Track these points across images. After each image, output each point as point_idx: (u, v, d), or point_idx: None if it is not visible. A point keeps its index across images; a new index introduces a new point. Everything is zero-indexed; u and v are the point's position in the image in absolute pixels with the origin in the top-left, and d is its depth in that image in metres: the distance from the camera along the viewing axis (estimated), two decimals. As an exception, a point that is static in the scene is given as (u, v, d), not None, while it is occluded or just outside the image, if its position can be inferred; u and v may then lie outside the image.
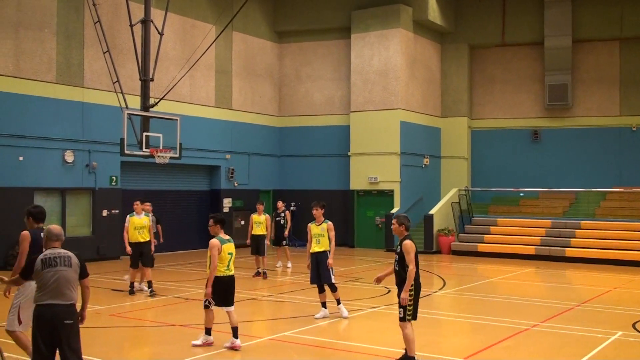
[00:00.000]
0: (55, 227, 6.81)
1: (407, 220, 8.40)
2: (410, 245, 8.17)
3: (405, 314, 8.16)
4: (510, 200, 26.61)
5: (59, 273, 6.46)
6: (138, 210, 14.43)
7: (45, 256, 6.51)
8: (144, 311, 12.53)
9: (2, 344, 8.23)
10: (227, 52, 25.22)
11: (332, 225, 11.77)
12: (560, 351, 9.58)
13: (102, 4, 20.08)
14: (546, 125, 26.74)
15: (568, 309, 12.87)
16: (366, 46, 25.49)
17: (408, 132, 25.33)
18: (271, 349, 9.69)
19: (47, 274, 6.43)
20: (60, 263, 6.50)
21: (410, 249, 8.14)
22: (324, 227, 11.70)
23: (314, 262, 11.66)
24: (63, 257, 6.55)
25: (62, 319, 6.37)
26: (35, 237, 7.96)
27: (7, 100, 18.35)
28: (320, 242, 11.65)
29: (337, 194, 25.77)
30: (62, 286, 6.44)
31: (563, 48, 25.66)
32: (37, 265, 6.48)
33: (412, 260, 8.07)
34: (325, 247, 11.63)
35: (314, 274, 11.68)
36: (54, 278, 6.43)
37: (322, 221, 11.77)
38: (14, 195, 18.31)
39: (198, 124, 23.54)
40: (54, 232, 6.70)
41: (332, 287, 11.66)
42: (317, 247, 11.66)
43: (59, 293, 6.42)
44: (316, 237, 11.68)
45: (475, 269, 20.16)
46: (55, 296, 6.40)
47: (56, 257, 6.52)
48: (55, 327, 6.34)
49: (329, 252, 11.62)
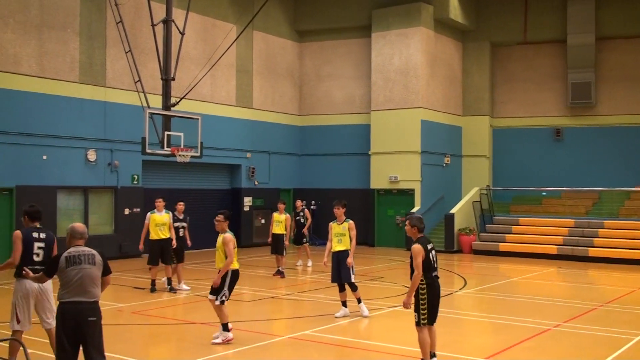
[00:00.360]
0: (79, 225, 6.86)
1: (419, 222, 8.19)
2: (417, 249, 7.93)
3: (419, 318, 8.03)
4: (532, 199, 26.38)
5: (83, 271, 6.51)
6: (159, 207, 14.51)
7: (69, 254, 6.55)
8: (165, 309, 12.61)
9: (29, 342, 8.32)
10: (248, 52, 25.30)
11: (354, 224, 11.75)
12: (583, 352, 9.48)
13: (124, 4, 20.24)
14: (569, 123, 26.47)
15: (591, 309, 12.73)
16: (387, 45, 25.42)
17: (429, 131, 25.22)
18: (291, 347, 9.70)
19: (71, 272, 6.47)
20: (85, 261, 6.55)
21: (416, 253, 7.91)
22: (345, 226, 11.68)
23: (334, 260, 11.65)
24: (87, 255, 6.60)
25: (86, 316, 6.42)
26: (26, 235, 8.04)
27: (31, 100, 18.57)
28: (342, 241, 11.64)
29: (357, 193, 25.73)
30: (86, 284, 6.50)
31: (586, 45, 25.37)
32: (61, 263, 6.52)
33: (418, 266, 7.85)
34: (346, 246, 11.62)
35: (334, 272, 11.67)
36: (78, 276, 6.47)
37: (344, 220, 11.74)
38: (38, 194, 18.50)
39: (219, 123, 23.65)
40: (78, 230, 6.75)
41: (353, 286, 11.65)
42: (338, 246, 11.64)
43: (82, 290, 6.47)
44: (337, 236, 11.67)
45: (496, 269, 20.02)
46: (79, 294, 6.45)
47: (80, 255, 6.57)
48: (79, 324, 6.39)
49: (349, 251, 11.61)
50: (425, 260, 7.91)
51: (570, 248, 21.74)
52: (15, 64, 18.23)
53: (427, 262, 7.93)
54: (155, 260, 14.37)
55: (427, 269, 7.93)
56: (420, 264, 7.86)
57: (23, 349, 7.04)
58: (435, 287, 8.06)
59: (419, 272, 7.87)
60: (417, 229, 8.12)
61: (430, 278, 7.98)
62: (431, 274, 7.98)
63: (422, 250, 7.92)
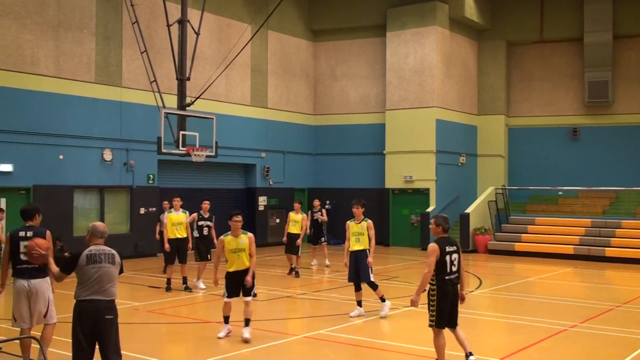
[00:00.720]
0: (101, 224, 6.94)
1: (445, 222, 8.05)
2: (431, 248, 7.81)
3: (429, 319, 7.96)
4: (548, 199, 26.21)
5: (103, 269, 6.58)
6: (176, 206, 14.55)
7: (90, 252, 6.63)
8: (181, 308, 12.67)
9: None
10: (263, 51, 25.34)
11: (372, 224, 11.71)
12: (599, 353, 9.41)
13: (139, 4, 20.35)
14: (586, 122, 26.26)
15: (608, 310, 12.63)
16: (402, 44, 25.37)
17: (444, 130, 25.14)
18: (306, 346, 9.71)
19: (91, 270, 6.54)
20: (105, 260, 6.63)
21: (430, 251, 7.79)
22: (363, 225, 11.63)
23: (352, 260, 11.62)
24: (107, 254, 6.68)
25: (104, 314, 6.49)
26: (13, 235, 8.12)
27: (48, 100, 18.73)
28: (360, 240, 11.59)
29: (372, 192, 25.69)
30: (105, 282, 6.56)
31: (603, 44, 25.15)
32: (82, 260, 6.57)
33: (430, 264, 7.71)
34: (364, 245, 11.58)
35: (352, 272, 11.64)
36: (97, 274, 6.54)
37: (362, 219, 11.69)
38: (55, 193, 18.70)
39: (234, 122, 23.72)
40: (99, 229, 6.83)
41: (373, 286, 11.59)
42: (356, 245, 11.60)
43: (101, 289, 6.53)
44: (355, 236, 11.63)
45: (512, 269, 19.92)
46: (96, 292, 6.51)
47: (101, 253, 6.64)
48: (97, 322, 6.45)
49: (368, 251, 11.56)
50: (439, 261, 7.76)
51: (587, 248, 21.58)
52: (32, 65, 18.39)
53: (441, 263, 7.77)
54: (172, 259, 14.42)
55: (440, 270, 7.78)
56: (432, 263, 7.72)
57: (40, 347, 7.10)
58: (446, 290, 7.84)
59: (429, 270, 7.73)
60: (441, 228, 7.99)
61: (442, 280, 7.81)
62: (443, 277, 7.80)
63: (437, 250, 7.78)
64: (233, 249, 9.75)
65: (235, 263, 9.80)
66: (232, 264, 9.83)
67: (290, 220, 17.40)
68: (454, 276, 7.90)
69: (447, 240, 7.96)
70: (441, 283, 7.81)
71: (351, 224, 11.74)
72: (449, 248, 7.89)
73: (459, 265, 7.94)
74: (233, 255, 9.76)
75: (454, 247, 7.96)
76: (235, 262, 9.80)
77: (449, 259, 7.84)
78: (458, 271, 7.94)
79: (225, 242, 9.85)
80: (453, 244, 8.00)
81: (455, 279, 7.92)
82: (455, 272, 7.91)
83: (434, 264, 7.74)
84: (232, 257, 9.79)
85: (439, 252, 7.77)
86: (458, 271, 7.94)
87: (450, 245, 7.93)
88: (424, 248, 24.32)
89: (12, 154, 17.95)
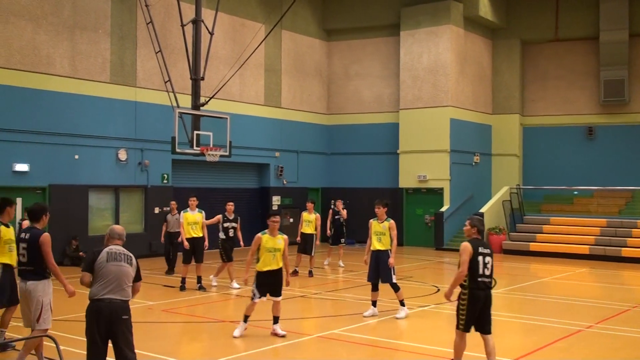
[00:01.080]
0: (118, 227, 7.04)
1: (480, 224, 7.92)
2: (464, 246, 7.66)
3: (457, 321, 7.79)
4: (563, 198, 26.04)
5: (122, 268, 6.65)
6: (192, 206, 14.61)
7: (110, 250, 6.71)
8: (195, 307, 12.71)
9: (61, 339, 8.44)
10: (276, 51, 25.37)
11: (394, 225, 11.66)
12: (615, 354, 9.33)
13: (154, 5, 20.45)
14: (601, 121, 26.06)
15: (624, 311, 12.53)
16: (415, 43, 25.30)
17: (458, 130, 25.05)
18: (319, 346, 9.71)
19: (112, 267, 6.60)
20: (124, 260, 6.71)
21: (462, 250, 7.63)
22: (386, 225, 11.57)
23: (373, 259, 11.56)
24: (125, 254, 6.77)
25: (120, 315, 6.54)
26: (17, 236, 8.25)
27: (63, 100, 18.86)
28: (382, 240, 11.54)
29: (385, 192, 25.62)
30: (123, 282, 6.62)
31: (619, 42, 24.95)
32: (102, 257, 6.63)
33: (463, 263, 7.55)
34: (386, 245, 11.53)
35: (372, 271, 11.59)
36: (116, 272, 6.59)
37: (385, 219, 11.64)
38: (70, 193, 18.83)
39: (247, 122, 23.76)
40: (116, 231, 6.93)
41: (395, 287, 11.54)
42: (378, 245, 11.55)
43: (118, 288, 6.58)
44: (377, 235, 11.56)
45: (527, 269, 19.81)
46: (113, 291, 6.55)
47: (120, 253, 6.73)
48: (113, 322, 6.49)
49: (390, 251, 11.52)
50: (472, 261, 7.60)
51: (602, 248, 21.42)
52: (48, 65, 18.53)
53: (474, 263, 7.60)
54: (188, 259, 14.47)
55: (473, 272, 7.61)
56: (465, 261, 7.58)
57: (56, 346, 7.14)
58: (477, 294, 7.64)
59: (463, 269, 7.57)
60: (476, 230, 7.87)
61: (474, 283, 7.62)
62: (475, 280, 7.62)
63: (469, 249, 7.63)
64: (270, 248, 9.76)
65: (270, 263, 9.78)
66: (266, 264, 9.79)
67: (304, 220, 17.38)
68: (488, 280, 7.72)
69: (480, 242, 7.82)
70: (473, 285, 7.63)
71: (373, 223, 11.69)
72: (482, 250, 7.72)
73: (492, 270, 7.74)
74: (269, 254, 9.75)
75: (488, 250, 7.79)
76: (270, 262, 9.78)
77: (482, 260, 7.67)
78: (491, 275, 7.75)
79: (263, 240, 9.80)
80: (487, 246, 7.83)
81: (488, 282, 7.74)
82: (489, 276, 7.72)
83: (467, 262, 7.59)
84: (268, 257, 9.76)
85: (472, 251, 7.62)
86: (491, 275, 7.75)
87: (484, 247, 7.77)
88: (438, 248, 24.28)
89: (28, 153, 18.10)
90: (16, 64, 17.88)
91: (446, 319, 12.12)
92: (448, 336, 10.47)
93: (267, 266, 9.79)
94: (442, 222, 24.47)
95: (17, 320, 10.54)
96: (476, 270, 7.61)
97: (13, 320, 8.83)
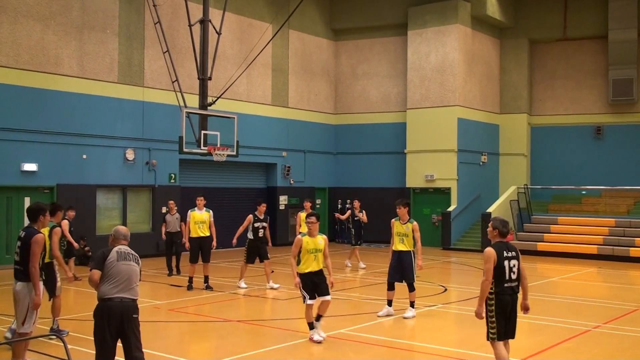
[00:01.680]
0: (122, 227, 7.10)
1: (501, 225, 7.43)
2: (487, 253, 7.18)
3: (487, 331, 7.32)
4: (571, 198, 25.94)
5: (131, 267, 6.71)
6: (199, 205, 14.60)
7: (119, 249, 6.77)
8: (201, 307, 12.73)
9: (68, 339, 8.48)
10: (284, 51, 25.38)
11: (418, 226, 11.66)
12: (623, 354, 9.29)
13: (162, 5, 20.49)
14: (610, 121, 25.95)
15: (632, 310, 12.47)
16: (423, 42, 25.26)
17: (465, 129, 24.99)
18: (327, 345, 9.70)
19: (122, 266, 6.65)
20: (132, 259, 6.77)
21: (486, 257, 7.16)
22: (409, 227, 11.56)
23: (395, 259, 11.55)
24: (133, 254, 6.83)
25: (131, 314, 6.60)
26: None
27: (71, 100, 18.93)
28: (404, 241, 11.52)
29: (393, 191, 25.61)
30: (133, 281, 6.69)
31: (628, 41, 24.84)
32: (113, 256, 6.67)
33: (488, 271, 7.11)
34: (409, 247, 11.53)
35: (393, 271, 11.56)
36: (127, 271, 6.65)
37: (407, 220, 11.62)
38: (78, 192, 18.90)
39: (255, 122, 23.79)
40: (121, 232, 6.98)
41: (411, 287, 11.57)
42: (400, 245, 11.52)
43: (129, 287, 6.64)
44: (400, 236, 11.54)
45: (534, 269, 19.74)
46: (124, 290, 6.59)
47: (128, 253, 6.79)
48: (124, 321, 6.53)
49: (413, 252, 11.54)
50: (497, 267, 7.16)
51: (610, 248, 21.33)
52: (56, 65, 18.60)
53: (499, 269, 7.17)
54: (195, 258, 14.47)
55: (499, 277, 7.18)
56: (490, 269, 7.13)
57: (64, 345, 7.17)
58: (504, 300, 7.21)
59: (487, 278, 7.14)
60: (497, 232, 7.42)
61: (501, 288, 7.19)
62: (502, 284, 7.19)
63: (493, 255, 7.18)
64: (311, 250, 9.62)
65: (312, 264, 9.66)
66: (308, 265, 9.65)
67: (302, 220, 17.12)
68: (514, 284, 7.31)
69: (504, 244, 7.37)
70: (500, 291, 7.20)
71: (396, 223, 11.67)
72: (507, 253, 7.29)
73: (519, 272, 7.34)
74: (310, 255, 9.62)
75: (513, 253, 7.35)
76: (312, 263, 9.65)
77: (508, 264, 7.24)
78: (518, 279, 7.34)
79: (304, 242, 9.66)
80: (512, 249, 7.38)
81: (515, 287, 7.32)
82: (515, 280, 7.31)
83: (492, 270, 7.15)
84: (309, 258, 9.62)
85: (496, 258, 7.18)
86: (518, 279, 7.34)
87: (509, 250, 7.33)
88: (445, 247, 24.24)
89: (36, 153, 18.18)
90: (24, 64, 17.96)
91: (453, 319, 12.11)
92: (455, 336, 10.47)
93: (309, 267, 9.65)
94: (449, 222, 24.42)
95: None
96: (502, 276, 7.21)
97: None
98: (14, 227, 17.93)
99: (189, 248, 14.66)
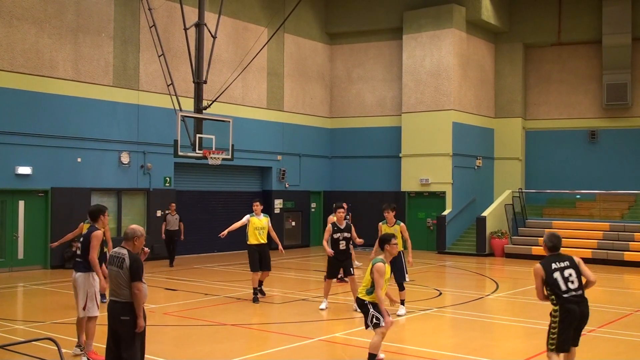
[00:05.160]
0: (129, 227, 7.17)
1: (549, 240, 7.37)
2: (535, 271, 7.22)
3: (547, 342, 7.30)
4: (566, 202, 26.01)
5: (112, 272, 6.93)
6: (257, 210, 13.59)
7: (113, 253, 7.06)
8: (196, 310, 12.70)
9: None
10: (279, 54, 25.40)
11: (405, 227, 12.28)
12: (618, 358, 9.32)
13: (157, 8, 20.48)
14: (604, 125, 26.03)
15: (626, 315, 12.51)
16: (418, 47, 25.31)
17: (460, 133, 25.04)
18: (320, 349, 9.70)
19: (110, 270, 6.96)
20: (114, 263, 6.94)
21: (534, 275, 7.22)
22: (397, 229, 12.04)
23: None
24: (118, 257, 6.93)
25: (119, 315, 6.82)
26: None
27: (66, 103, 18.90)
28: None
29: (388, 195, 25.60)
30: (114, 285, 6.91)
31: (622, 46, 24.93)
32: (109, 260, 7.07)
33: (537, 289, 7.27)
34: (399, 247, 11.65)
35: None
36: (114, 275, 6.90)
37: (394, 223, 12.08)
38: (73, 196, 18.86)
39: (250, 125, 23.78)
40: (126, 232, 7.13)
41: (401, 287, 11.91)
42: None
43: (117, 290, 6.88)
44: None
45: (529, 272, 19.66)
46: (114, 293, 6.92)
47: (114, 256, 6.99)
48: (115, 322, 6.87)
49: (402, 253, 11.88)
50: (549, 280, 7.14)
51: (605, 252, 21.37)
52: (51, 68, 18.58)
53: (552, 282, 7.13)
54: (256, 266, 13.37)
55: (555, 289, 7.14)
56: (538, 287, 7.25)
57: (57, 349, 7.16)
58: (571, 308, 7.11)
59: (537, 295, 7.33)
60: (545, 246, 7.43)
61: (561, 299, 7.10)
62: (561, 295, 7.11)
63: (538, 272, 7.21)
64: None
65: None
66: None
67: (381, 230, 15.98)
68: (578, 292, 7.19)
69: (554, 257, 7.29)
70: (562, 302, 7.13)
71: (383, 227, 12.08)
72: (557, 265, 7.20)
73: (579, 280, 7.22)
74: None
75: (566, 263, 7.24)
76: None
77: (561, 275, 7.15)
78: (581, 287, 7.23)
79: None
80: (564, 259, 7.27)
81: (579, 295, 7.20)
82: (578, 289, 7.19)
83: (540, 287, 7.24)
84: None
85: (543, 273, 7.19)
86: (581, 287, 7.23)
87: (560, 261, 7.24)
88: (440, 251, 24.26)
89: (31, 156, 18.14)
90: (19, 67, 17.92)
91: (448, 323, 12.11)
92: (450, 340, 10.47)
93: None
94: (444, 226, 24.44)
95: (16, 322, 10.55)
96: (558, 288, 7.13)
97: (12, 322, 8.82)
98: (8, 231, 17.89)
99: (249, 257, 13.48)
